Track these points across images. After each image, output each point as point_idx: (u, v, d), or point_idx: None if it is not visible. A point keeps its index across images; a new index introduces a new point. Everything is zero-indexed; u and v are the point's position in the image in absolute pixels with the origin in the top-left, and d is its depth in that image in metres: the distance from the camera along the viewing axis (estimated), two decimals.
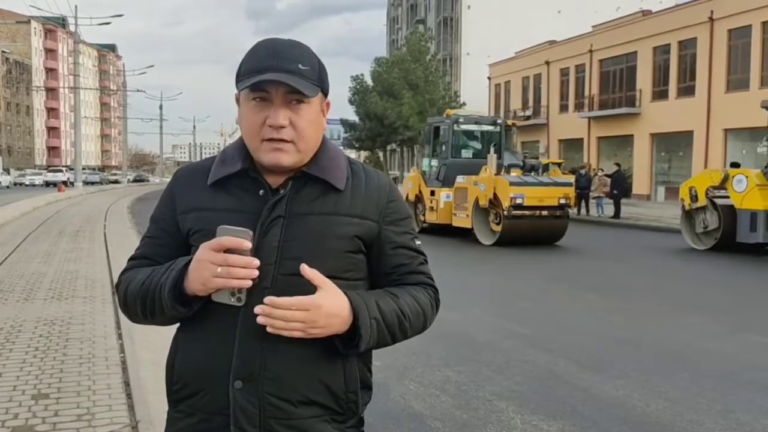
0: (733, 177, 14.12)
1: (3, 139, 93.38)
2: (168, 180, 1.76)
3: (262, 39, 1.54)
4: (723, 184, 14.33)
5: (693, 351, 6.46)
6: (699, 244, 14.89)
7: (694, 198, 14.86)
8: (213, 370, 1.46)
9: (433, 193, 17.48)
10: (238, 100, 1.53)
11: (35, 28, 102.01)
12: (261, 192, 1.49)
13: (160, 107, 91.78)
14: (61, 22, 75.31)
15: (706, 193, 14.58)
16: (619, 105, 36.12)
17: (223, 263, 1.36)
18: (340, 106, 58.19)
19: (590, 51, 38.43)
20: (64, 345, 5.70)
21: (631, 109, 34.87)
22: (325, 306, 1.39)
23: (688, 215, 15.19)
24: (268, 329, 1.38)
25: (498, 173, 15.41)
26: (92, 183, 65.52)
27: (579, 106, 39.83)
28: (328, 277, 1.41)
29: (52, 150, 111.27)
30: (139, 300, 1.49)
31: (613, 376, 5.55)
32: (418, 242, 1.62)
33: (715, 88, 30.18)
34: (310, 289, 1.39)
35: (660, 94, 33.82)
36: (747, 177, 13.85)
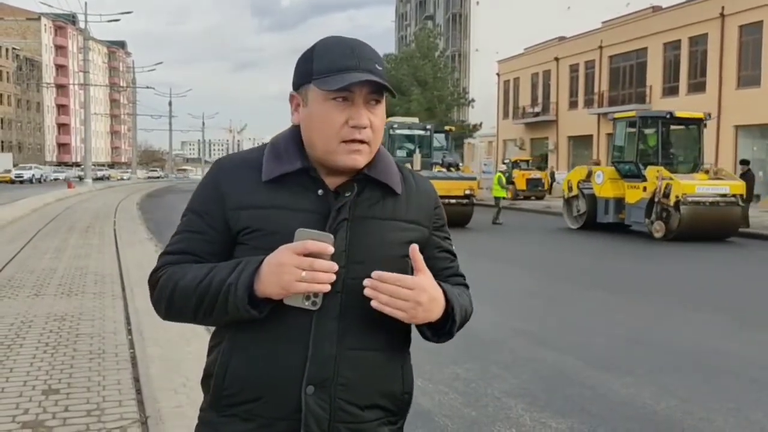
0: (594, 172, 18.37)
1: (14, 136, 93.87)
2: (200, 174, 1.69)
3: (327, 37, 1.51)
4: (588, 178, 18.60)
5: (702, 349, 6.43)
6: (574, 224, 19.02)
7: (570, 189, 19.19)
8: (281, 375, 1.43)
9: None
10: (293, 99, 1.51)
11: (45, 25, 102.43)
12: (320, 192, 1.46)
13: (170, 104, 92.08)
14: (71, 18, 75.68)
15: (578, 185, 18.73)
16: (629, 101, 35.91)
17: (309, 268, 1.33)
18: None
19: (600, 47, 38.26)
20: (74, 340, 5.74)
21: (641, 106, 34.62)
22: (429, 288, 1.42)
23: (568, 202, 19.45)
24: (372, 303, 1.37)
25: (420, 170, 18.86)
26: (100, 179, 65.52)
27: (588, 103, 39.66)
28: None
29: (63, 146, 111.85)
30: (194, 298, 1.41)
31: (621, 374, 5.53)
32: (453, 246, 1.68)
33: (725, 85, 29.98)
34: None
35: (670, 90, 33.63)
36: (603, 172, 18.00)
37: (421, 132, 22.50)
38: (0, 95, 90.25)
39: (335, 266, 1.36)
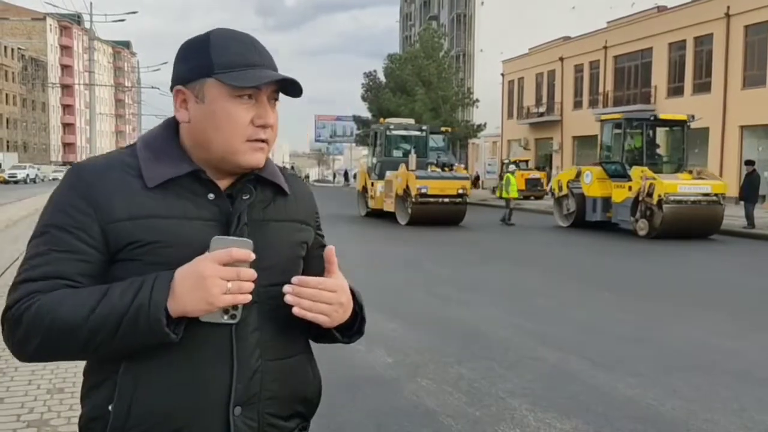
0: (583, 173, 18.98)
1: (19, 135, 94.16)
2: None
3: (218, 29, 1.40)
4: (577, 178, 19.26)
5: (707, 349, 6.42)
6: (564, 222, 19.67)
7: (560, 188, 19.91)
8: (206, 399, 1.30)
9: (372, 184, 22.15)
10: (179, 94, 1.37)
11: (51, 25, 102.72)
12: (211, 196, 1.35)
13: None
14: (77, 19, 75.79)
15: (568, 185, 19.44)
16: (633, 101, 35.85)
17: (236, 278, 1.23)
18: (353, 102, 58.15)
19: (605, 47, 38.20)
20: None
21: (646, 106, 34.55)
22: (347, 289, 1.39)
23: (558, 201, 20.15)
24: (295, 310, 1.30)
25: (416, 169, 19.66)
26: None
27: (593, 103, 39.59)
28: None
29: (68, 146, 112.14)
30: (85, 330, 1.21)
31: (625, 374, 5.52)
32: None
33: (731, 85, 29.90)
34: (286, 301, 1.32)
35: (675, 90, 33.56)
36: (591, 172, 18.54)
37: (417, 133, 23.07)
38: (5, 95, 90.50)
39: (255, 274, 1.26)
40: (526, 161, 37.87)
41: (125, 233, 1.28)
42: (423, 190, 18.85)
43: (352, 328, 1.47)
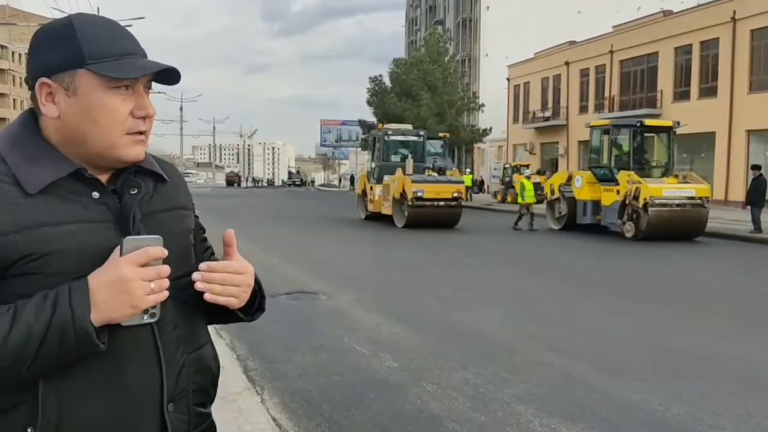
0: (574, 177, 19.69)
1: None
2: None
3: (80, 14, 1.31)
4: (569, 182, 19.86)
5: (712, 354, 6.39)
6: (556, 225, 20.06)
7: (552, 192, 20.44)
8: (135, 403, 1.27)
9: (371, 188, 22.69)
10: (44, 87, 1.26)
11: None
12: (95, 195, 1.27)
13: (181, 108, 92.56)
14: None
15: (559, 189, 19.99)
16: (639, 106, 35.80)
17: (157, 277, 1.20)
18: (359, 107, 58.19)
19: (611, 51, 38.17)
20: None
21: (652, 110, 34.54)
22: (251, 269, 1.40)
23: (550, 204, 20.58)
24: (207, 296, 1.30)
25: (413, 174, 20.29)
26: None
27: (599, 107, 39.55)
28: (190, 273, 1.32)
29: None
30: (9, 356, 1.13)
31: (631, 379, 5.50)
32: None
33: (737, 89, 29.84)
34: (196, 290, 1.31)
35: (681, 95, 33.50)
36: (582, 177, 19.17)
37: (415, 138, 23.66)
38: (13, 100, 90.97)
39: (169, 269, 1.24)
40: (527, 166, 38.02)
41: (15, 247, 1.18)
42: (419, 194, 19.46)
43: (253, 306, 1.46)
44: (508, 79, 50.11)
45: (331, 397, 4.99)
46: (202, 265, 1.32)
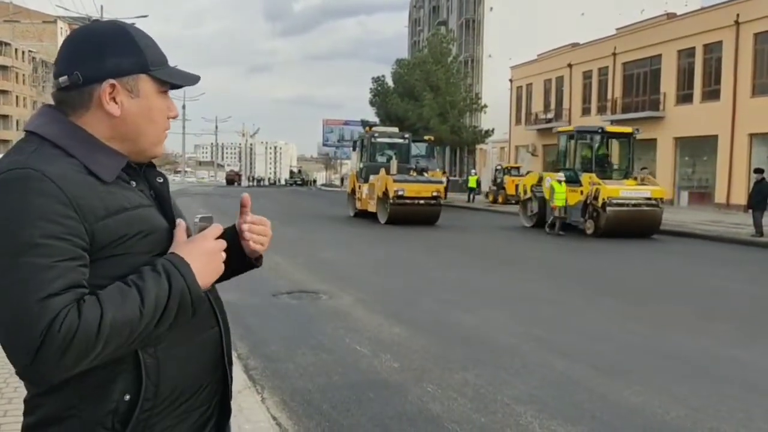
0: (544, 178, 20.72)
1: None
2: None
3: (123, 23, 1.47)
4: (539, 183, 21.16)
5: (713, 358, 6.39)
6: (528, 222, 21.69)
7: (524, 192, 22.08)
8: (208, 359, 1.49)
9: (359, 187, 24.13)
10: (112, 87, 1.38)
11: (61, 28, 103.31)
12: (133, 183, 1.43)
13: (183, 107, 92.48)
14: (87, 22, 76.26)
15: (531, 189, 21.60)
16: (642, 108, 35.79)
17: (224, 247, 1.45)
18: (361, 107, 58.19)
19: (614, 54, 38.14)
20: None
21: (655, 113, 34.53)
22: (269, 221, 1.65)
23: (523, 203, 22.33)
24: (251, 245, 1.59)
25: (397, 173, 21.74)
26: None
27: (602, 110, 39.53)
28: None
29: None
30: (142, 325, 1.27)
31: (631, 382, 5.51)
32: None
33: (740, 93, 29.80)
34: None
35: (684, 97, 33.47)
36: (551, 178, 20.05)
37: (400, 140, 25.09)
38: (16, 97, 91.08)
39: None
40: (518, 168, 38.52)
41: (109, 230, 1.32)
42: (400, 192, 20.86)
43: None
44: (510, 81, 50.08)
45: (331, 397, 5.00)
46: (248, 217, 1.59)
